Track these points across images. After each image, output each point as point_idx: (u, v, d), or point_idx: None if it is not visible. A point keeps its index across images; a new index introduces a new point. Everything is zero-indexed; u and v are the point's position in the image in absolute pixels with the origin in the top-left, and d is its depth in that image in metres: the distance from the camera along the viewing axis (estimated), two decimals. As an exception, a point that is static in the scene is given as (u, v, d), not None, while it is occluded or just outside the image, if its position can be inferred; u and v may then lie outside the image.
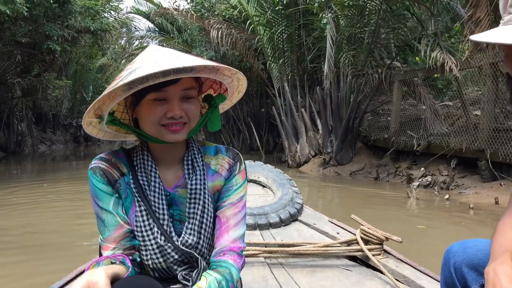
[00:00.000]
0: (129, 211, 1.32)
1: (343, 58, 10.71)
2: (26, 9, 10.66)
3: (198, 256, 1.32)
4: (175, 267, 1.32)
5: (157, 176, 1.31)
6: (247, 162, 3.85)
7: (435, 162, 9.18)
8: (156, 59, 1.14)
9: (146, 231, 1.29)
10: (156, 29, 20.97)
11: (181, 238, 1.32)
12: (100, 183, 1.29)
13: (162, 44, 20.55)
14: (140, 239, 1.31)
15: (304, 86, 13.40)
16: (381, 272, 2.27)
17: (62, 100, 24.48)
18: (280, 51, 13.11)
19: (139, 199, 1.30)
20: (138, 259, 1.31)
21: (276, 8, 12.17)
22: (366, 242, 2.54)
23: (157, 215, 1.30)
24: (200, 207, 1.33)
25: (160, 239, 1.29)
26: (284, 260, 2.53)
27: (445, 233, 5.21)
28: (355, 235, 2.62)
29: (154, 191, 1.30)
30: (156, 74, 1.10)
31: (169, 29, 20.24)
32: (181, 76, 1.17)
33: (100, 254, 1.34)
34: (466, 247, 1.27)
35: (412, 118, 10.60)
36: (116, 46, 23.35)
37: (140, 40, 21.45)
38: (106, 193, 1.29)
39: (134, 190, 1.31)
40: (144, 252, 1.31)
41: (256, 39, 13.56)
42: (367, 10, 10.44)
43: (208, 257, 1.37)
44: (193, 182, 1.32)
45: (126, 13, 19.40)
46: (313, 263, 2.50)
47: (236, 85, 1.38)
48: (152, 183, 1.30)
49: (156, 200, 1.30)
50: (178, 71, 1.12)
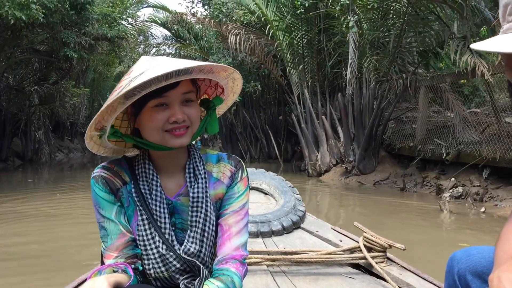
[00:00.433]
0: (132, 220, 1.31)
1: (367, 63, 10.29)
2: (42, 15, 10.51)
3: (200, 265, 1.30)
4: (177, 276, 1.31)
5: (159, 185, 1.30)
6: (249, 170, 3.91)
7: (466, 172, 8.68)
8: (154, 66, 1.14)
9: (148, 240, 1.29)
10: (173, 37, 20.83)
11: (183, 247, 1.30)
12: (103, 192, 1.29)
13: (179, 52, 20.45)
14: (142, 248, 1.29)
15: (325, 93, 12.99)
16: (385, 280, 2.25)
17: (80, 108, 24.44)
18: (300, 57, 12.75)
19: (141, 208, 1.29)
20: (141, 268, 1.31)
21: (298, 12, 11.80)
22: (369, 250, 2.51)
23: (159, 224, 1.29)
24: (202, 216, 1.31)
25: (162, 248, 1.28)
26: (287, 268, 2.51)
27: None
28: (358, 243, 2.59)
29: (156, 200, 1.29)
30: (158, 78, 1.11)
31: (186, 36, 20.09)
32: (181, 79, 1.17)
33: (103, 263, 1.32)
34: (470, 255, 1.26)
35: (439, 126, 10.12)
36: (134, 54, 23.28)
37: (157, 48, 21.30)
38: (109, 202, 1.29)
39: (136, 199, 1.29)
40: (146, 261, 1.30)
41: (275, 45, 13.22)
42: (391, 13, 10.03)
43: (211, 266, 1.35)
44: (195, 191, 1.31)
45: (142, 21, 19.28)
46: (316, 271, 2.48)
47: (231, 86, 1.37)
48: (154, 192, 1.29)
49: (158, 209, 1.29)
50: (179, 73, 1.13)
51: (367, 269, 2.53)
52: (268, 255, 2.53)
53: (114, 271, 1.22)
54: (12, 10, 9.71)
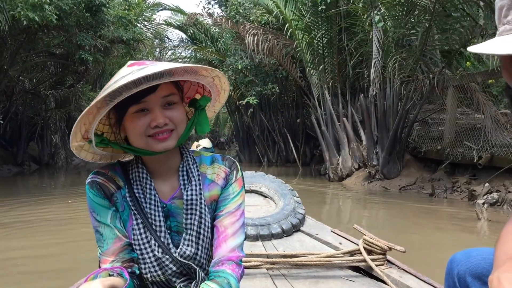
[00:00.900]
0: (127, 224, 1.31)
1: (392, 62, 9.78)
2: (56, 17, 10.27)
3: (196, 268, 1.30)
4: (174, 279, 1.31)
5: (153, 188, 1.30)
6: (249, 173, 4.04)
7: (500, 177, 8.12)
8: (130, 71, 1.13)
9: (144, 244, 1.28)
10: (189, 39, 20.58)
11: (179, 250, 1.30)
12: (97, 197, 1.29)
13: (196, 54, 20.18)
14: (138, 252, 1.29)
15: (346, 94, 12.49)
16: (385, 283, 2.26)
17: (96, 112, 24.35)
18: (320, 57, 12.29)
19: (136, 212, 1.29)
20: (138, 272, 1.30)
21: (318, 9, 11.33)
22: (369, 252, 2.51)
23: (154, 228, 1.29)
24: (197, 218, 1.31)
25: (158, 252, 1.28)
26: (287, 271, 2.50)
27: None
28: (358, 245, 2.59)
29: (150, 203, 1.29)
30: (128, 85, 1.10)
31: (202, 39, 19.82)
32: (156, 83, 1.14)
33: (99, 268, 1.30)
34: (470, 256, 1.26)
35: (468, 128, 9.57)
36: (150, 57, 23.13)
37: (173, 51, 21.07)
38: (103, 207, 1.29)
39: (130, 203, 1.30)
40: (143, 266, 1.29)
41: (294, 45, 12.77)
42: (417, 9, 9.53)
43: (207, 268, 1.34)
44: (189, 193, 1.30)
45: (158, 24, 19.03)
46: (316, 274, 2.47)
47: (219, 84, 1.34)
48: (148, 195, 1.29)
49: (153, 212, 1.29)
50: (149, 79, 1.11)
51: (367, 272, 2.51)
52: (268, 258, 2.52)
53: (110, 275, 1.21)
54: (25, 11, 9.48)
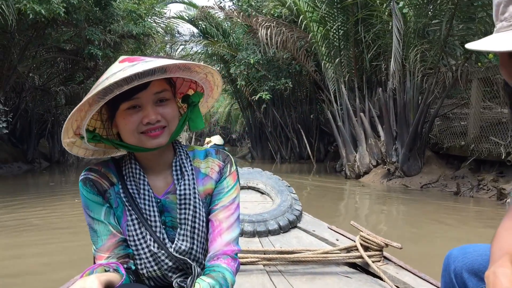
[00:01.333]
0: (121, 220, 1.30)
1: (413, 54, 9.29)
2: (64, 10, 9.96)
3: (192, 263, 1.30)
4: (170, 274, 1.30)
5: (146, 184, 1.29)
6: (246, 169, 4.08)
7: (530, 174, 7.64)
8: (121, 67, 1.12)
9: (139, 240, 1.27)
10: (200, 34, 20.21)
11: (174, 245, 1.29)
12: (91, 194, 1.28)
13: (207, 49, 19.81)
14: (134, 248, 1.28)
15: (363, 88, 12.01)
16: (381, 279, 2.25)
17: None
18: (336, 50, 11.83)
19: (130, 208, 1.28)
20: (133, 267, 1.29)
21: (334, 0, 10.87)
22: (366, 249, 2.51)
23: (149, 223, 1.28)
24: (191, 212, 1.30)
25: (154, 247, 1.27)
26: (283, 268, 2.50)
27: None
28: (355, 242, 2.58)
29: (145, 199, 1.28)
30: (119, 83, 1.09)
31: (214, 33, 19.43)
32: (148, 80, 1.14)
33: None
34: (466, 252, 1.26)
35: (494, 122, 9.06)
36: (161, 53, 22.84)
37: (184, 45, 20.70)
38: (97, 203, 1.29)
39: (124, 199, 1.29)
40: (138, 261, 1.29)
41: (309, 37, 12.30)
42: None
43: (204, 262, 1.34)
44: (182, 187, 1.30)
45: (168, 18, 18.64)
46: (313, 270, 2.46)
47: (212, 80, 1.34)
48: (142, 191, 1.29)
49: (147, 208, 1.28)
50: (140, 76, 1.10)
51: (364, 268, 2.50)
52: (265, 255, 2.51)
53: (106, 270, 1.19)
54: (31, 4, 9.18)
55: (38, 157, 17.06)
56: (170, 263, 1.28)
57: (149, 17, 16.61)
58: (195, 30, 20.70)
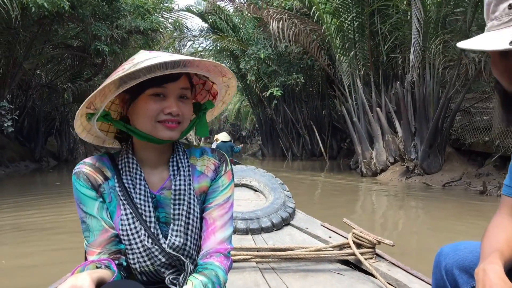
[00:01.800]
0: (114, 216, 1.28)
1: (434, 45, 8.80)
2: (68, 3, 9.60)
3: (185, 260, 1.28)
4: (163, 270, 1.28)
5: (143, 179, 1.28)
6: (239, 167, 4.11)
7: None
8: (156, 55, 1.14)
9: (133, 234, 1.25)
10: (210, 29, 19.82)
11: (168, 241, 1.27)
12: (84, 188, 1.26)
13: (216, 44, 19.41)
14: (127, 243, 1.26)
15: (379, 83, 11.53)
16: (374, 276, 2.25)
17: (116, 106, 23.92)
18: (351, 42, 11.35)
19: (125, 202, 1.26)
20: (125, 264, 1.28)
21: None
22: (359, 246, 2.50)
23: (144, 218, 1.26)
24: (185, 208, 1.29)
25: (147, 242, 1.25)
26: (276, 265, 2.48)
27: None
28: (347, 239, 2.58)
29: (140, 194, 1.27)
30: (166, 64, 1.12)
31: (224, 28, 19.02)
32: (180, 71, 1.17)
33: (86, 260, 1.27)
34: (457, 250, 1.26)
35: (520, 116, 8.53)
36: (170, 49, 22.47)
37: (193, 40, 20.32)
38: (90, 198, 1.26)
39: (120, 193, 1.27)
40: (131, 256, 1.26)
41: (323, 29, 11.81)
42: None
43: (197, 259, 1.32)
44: (177, 183, 1.29)
45: (178, 11, 18.22)
46: (305, 268, 2.45)
47: (223, 95, 1.39)
48: (138, 186, 1.27)
49: (142, 203, 1.27)
50: (176, 65, 1.13)
51: (356, 265, 2.51)
52: (258, 252, 2.50)
53: (97, 267, 1.17)
54: (34, -3, 8.84)
55: (46, 156, 16.81)
56: (163, 259, 1.26)
57: (157, 12, 16.27)
58: (204, 25, 20.32)
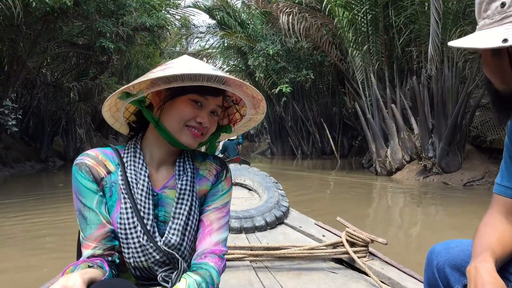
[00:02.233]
0: (112, 211, 1.28)
1: (455, 37, 8.33)
2: (71, 0, 9.26)
3: (179, 258, 1.28)
4: (156, 268, 1.27)
5: (147, 176, 1.28)
6: (233, 166, 4.16)
7: None
8: (210, 68, 1.20)
9: (130, 229, 1.24)
10: (217, 25, 19.45)
11: (164, 238, 1.27)
12: (85, 180, 1.25)
13: (223, 41, 19.06)
14: (123, 237, 1.25)
15: (394, 78, 11.08)
16: (367, 274, 2.25)
17: (124, 105, 23.62)
18: (364, 36, 10.92)
19: (126, 196, 1.26)
20: (118, 261, 1.27)
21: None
22: (352, 245, 2.51)
23: (142, 214, 1.26)
24: (187, 208, 1.30)
25: (143, 239, 1.25)
26: (270, 264, 2.48)
27: None
28: (341, 238, 2.58)
29: (142, 190, 1.27)
30: (221, 79, 1.19)
31: (232, 24, 18.64)
32: (225, 89, 1.23)
33: (79, 252, 1.30)
34: (449, 248, 1.25)
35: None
36: (179, 46, 22.19)
37: (200, 37, 19.97)
38: (91, 191, 1.25)
39: (122, 187, 1.26)
40: (126, 250, 1.26)
41: (335, 22, 11.38)
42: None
43: (190, 261, 1.32)
44: (183, 183, 1.30)
45: (184, 7, 17.93)
46: (299, 266, 2.45)
47: (242, 124, 1.46)
48: (141, 181, 1.27)
49: (143, 199, 1.26)
50: (218, 81, 1.20)
51: (350, 264, 2.51)
52: (251, 251, 2.50)
53: (89, 266, 1.16)
54: (35, -8, 8.51)
55: (52, 156, 16.54)
56: (158, 257, 1.26)
57: (163, 8, 15.93)
58: (211, 22, 20.01)
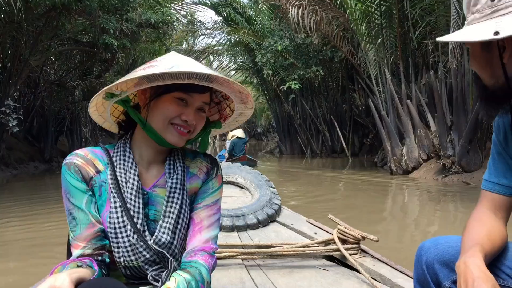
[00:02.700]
0: (102, 210, 1.27)
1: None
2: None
3: (169, 256, 1.27)
4: (146, 267, 1.27)
5: (136, 175, 1.28)
6: (225, 164, 4.30)
7: None
8: (192, 62, 1.22)
9: (120, 228, 1.24)
10: (224, 21, 19.04)
11: (154, 237, 1.27)
12: (74, 180, 1.25)
13: (230, 37, 18.65)
14: (113, 236, 1.25)
15: (409, 73, 10.59)
16: (358, 271, 2.26)
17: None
18: (378, 29, 10.44)
19: (115, 195, 1.26)
20: (107, 260, 1.26)
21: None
22: (344, 242, 2.52)
23: (132, 213, 1.26)
24: (177, 207, 1.30)
25: (133, 238, 1.24)
26: (262, 262, 2.48)
27: None
28: (333, 235, 2.59)
29: (132, 189, 1.26)
30: (204, 76, 1.18)
31: (238, 20, 18.22)
32: (215, 87, 1.24)
33: (69, 251, 1.29)
34: (438, 244, 1.25)
35: None
36: (185, 44, 21.80)
37: (207, 34, 19.58)
38: (80, 190, 1.25)
39: (111, 186, 1.26)
40: (116, 249, 1.25)
41: (346, 15, 10.92)
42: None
43: (180, 259, 1.32)
44: (174, 181, 1.30)
45: (190, 4, 17.52)
46: (291, 264, 2.46)
47: (232, 119, 1.45)
48: (131, 180, 1.27)
49: (133, 198, 1.26)
50: (205, 79, 1.19)
51: (341, 261, 2.51)
52: (243, 249, 2.49)
53: (78, 266, 1.15)
54: (35, -12, 8.12)
55: (57, 156, 16.20)
56: (148, 255, 1.25)
57: (168, 4, 15.54)
58: (218, 19, 19.58)
